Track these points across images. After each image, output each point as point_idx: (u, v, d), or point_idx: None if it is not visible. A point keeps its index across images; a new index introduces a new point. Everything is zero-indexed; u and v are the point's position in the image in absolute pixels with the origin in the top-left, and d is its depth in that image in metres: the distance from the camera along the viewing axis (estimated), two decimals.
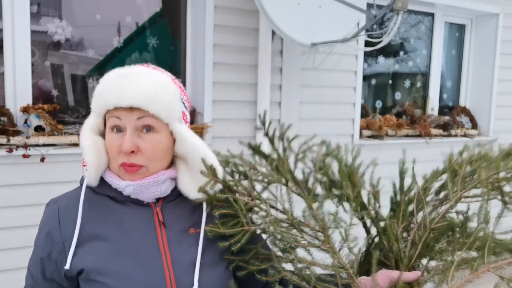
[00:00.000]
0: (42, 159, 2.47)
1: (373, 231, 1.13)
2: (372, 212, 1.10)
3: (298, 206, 1.06)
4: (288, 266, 1.03)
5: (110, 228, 1.04)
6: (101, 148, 1.05)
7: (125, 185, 1.04)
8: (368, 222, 1.13)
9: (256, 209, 1.08)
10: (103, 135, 1.08)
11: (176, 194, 1.10)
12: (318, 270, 1.01)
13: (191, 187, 1.08)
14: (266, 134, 1.14)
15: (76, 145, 2.56)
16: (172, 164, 1.11)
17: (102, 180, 1.07)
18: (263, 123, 1.13)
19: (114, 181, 1.05)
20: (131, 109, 1.00)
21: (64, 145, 2.54)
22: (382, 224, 1.10)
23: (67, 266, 1.00)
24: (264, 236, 1.12)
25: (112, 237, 1.03)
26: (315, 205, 1.00)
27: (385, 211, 1.18)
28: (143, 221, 1.05)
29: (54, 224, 1.05)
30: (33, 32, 2.59)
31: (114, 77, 1.03)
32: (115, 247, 1.02)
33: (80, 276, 1.02)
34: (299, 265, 1.00)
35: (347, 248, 1.00)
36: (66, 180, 2.53)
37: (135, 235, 1.03)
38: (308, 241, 1.01)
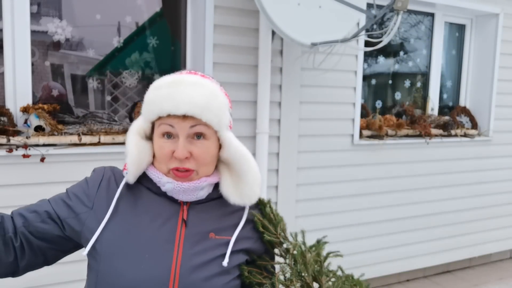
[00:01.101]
0: (42, 159, 2.47)
1: None
2: None
3: None
4: None
5: (135, 213, 1.09)
6: (145, 152, 1.11)
7: (166, 181, 1.09)
8: None
9: None
10: (148, 137, 1.14)
11: (208, 198, 1.14)
12: None
13: (231, 191, 1.14)
14: None
15: (76, 145, 2.56)
16: (214, 169, 1.16)
17: (143, 173, 1.13)
18: None
19: (157, 175, 1.10)
20: (184, 117, 1.05)
21: (64, 145, 2.54)
22: None
23: (84, 252, 1.06)
24: None
25: (134, 221, 1.08)
26: None
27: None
28: (167, 215, 1.09)
29: (93, 186, 1.13)
30: (33, 32, 2.59)
31: (166, 84, 1.08)
32: (133, 230, 1.06)
33: (90, 249, 1.07)
34: None
35: None
36: (66, 180, 2.53)
37: (155, 225, 1.07)
38: None
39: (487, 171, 4.27)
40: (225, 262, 1.07)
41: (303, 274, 1.08)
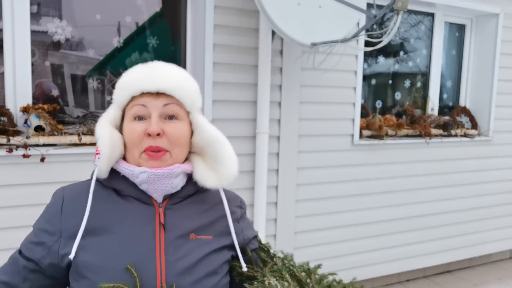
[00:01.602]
0: (42, 159, 2.47)
1: None
2: None
3: None
4: None
5: (109, 224, 1.03)
6: (116, 140, 1.06)
7: (140, 171, 1.03)
8: None
9: None
10: (119, 129, 1.09)
11: (183, 196, 1.10)
12: None
13: (207, 175, 1.10)
14: None
15: (76, 145, 2.56)
16: (185, 160, 1.13)
17: (111, 173, 1.07)
18: None
19: (129, 168, 1.05)
20: (157, 94, 1.04)
21: (64, 145, 2.54)
22: None
23: (71, 256, 0.99)
24: None
25: (109, 233, 1.02)
26: None
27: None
28: (143, 221, 1.04)
29: (56, 212, 1.05)
30: (33, 32, 2.59)
31: (141, 68, 1.08)
32: (110, 243, 1.01)
33: (70, 268, 1.03)
34: None
35: None
36: (66, 180, 2.52)
37: (133, 233, 1.02)
38: None
39: (487, 171, 4.27)
40: (244, 268, 1.09)
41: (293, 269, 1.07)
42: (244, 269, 1.09)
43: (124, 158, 1.09)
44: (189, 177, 1.11)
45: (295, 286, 1.03)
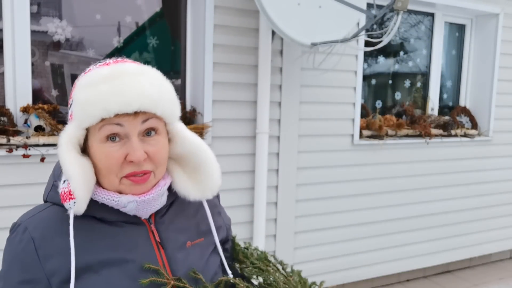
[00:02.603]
0: (42, 159, 2.47)
1: None
2: None
3: None
4: None
5: (105, 254, 0.91)
6: (88, 172, 0.91)
7: (127, 201, 0.92)
8: None
9: None
10: (82, 150, 0.94)
11: (167, 205, 1.02)
12: None
13: (190, 187, 1.02)
14: None
15: None
16: None
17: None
18: None
19: (112, 198, 0.92)
20: (135, 113, 0.89)
21: None
22: None
23: None
24: None
25: (109, 265, 0.91)
26: None
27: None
28: (139, 242, 0.95)
29: (31, 258, 0.89)
30: (33, 32, 2.59)
31: (103, 79, 0.90)
32: (114, 276, 0.90)
33: None
34: None
35: None
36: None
37: (135, 257, 0.93)
38: None
39: (487, 171, 4.27)
40: (230, 275, 1.06)
41: None
42: (230, 275, 1.06)
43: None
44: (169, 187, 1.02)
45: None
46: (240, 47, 3.02)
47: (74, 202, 0.87)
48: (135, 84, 0.89)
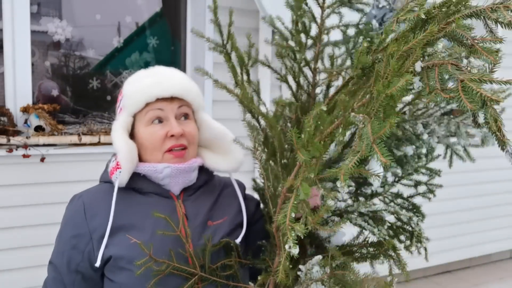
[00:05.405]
0: (42, 159, 2.47)
1: None
2: None
3: None
4: None
5: (138, 218, 1.11)
6: (133, 150, 1.13)
7: (163, 167, 1.12)
8: None
9: None
10: (130, 135, 1.16)
11: (196, 187, 1.20)
12: None
13: (220, 161, 1.23)
14: None
15: (76, 145, 2.56)
16: None
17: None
18: None
19: (151, 166, 1.12)
20: (171, 99, 1.13)
21: (64, 145, 2.54)
22: None
23: (99, 255, 1.07)
24: None
25: (140, 226, 1.10)
26: None
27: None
28: (166, 213, 1.10)
29: (80, 218, 1.12)
30: (33, 32, 2.59)
31: (145, 75, 1.17)
32: (143, 235, 1.08)
33: (107, 264, 1.09)
34: None
35: None
36: (66, 180, 2.53)
37: (159, 225, 1.09)
38: None
39: (487, 171, 4.27)
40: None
41: None
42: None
43: (140, 160, 1.16)
44: (199, 170, 1.21)
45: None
46: (240, 47, 3.01)
47: (120, 172, 1.09)
48: (170, 77, 1.17)
